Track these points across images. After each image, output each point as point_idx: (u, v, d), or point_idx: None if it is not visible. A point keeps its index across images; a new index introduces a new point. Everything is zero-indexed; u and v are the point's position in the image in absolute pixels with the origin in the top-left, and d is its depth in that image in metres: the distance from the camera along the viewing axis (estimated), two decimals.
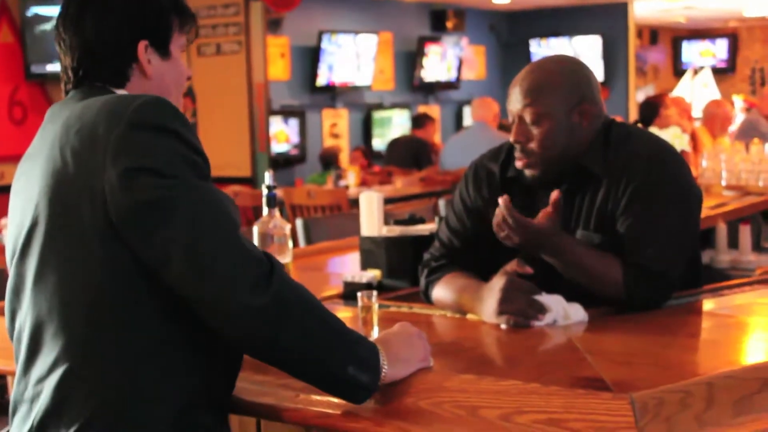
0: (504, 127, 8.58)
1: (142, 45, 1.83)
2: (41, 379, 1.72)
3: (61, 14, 1.86)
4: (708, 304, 2.52)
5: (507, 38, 14.06)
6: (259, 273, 1.65)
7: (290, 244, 2.50)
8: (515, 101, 2.48)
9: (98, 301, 1.68)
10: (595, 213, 2.45)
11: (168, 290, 1.67)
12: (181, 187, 1.65)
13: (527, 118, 2.45)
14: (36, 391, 1.73)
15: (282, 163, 10.38)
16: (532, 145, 2.45)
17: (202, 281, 1.63)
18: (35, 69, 8.30)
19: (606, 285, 2.35)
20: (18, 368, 1.80)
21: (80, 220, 1.68)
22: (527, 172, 2.50)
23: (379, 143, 11.54)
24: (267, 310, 1.64)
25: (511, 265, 2.33)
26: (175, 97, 1.89)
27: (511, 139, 2.49)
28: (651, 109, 7.02)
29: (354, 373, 1.71)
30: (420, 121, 9.48)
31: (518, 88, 2.47)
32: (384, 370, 1.75)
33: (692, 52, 17.60)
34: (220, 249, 1.64)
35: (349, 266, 3.42)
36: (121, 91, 1.83)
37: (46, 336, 1.73)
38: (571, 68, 2.51)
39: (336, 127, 11.40)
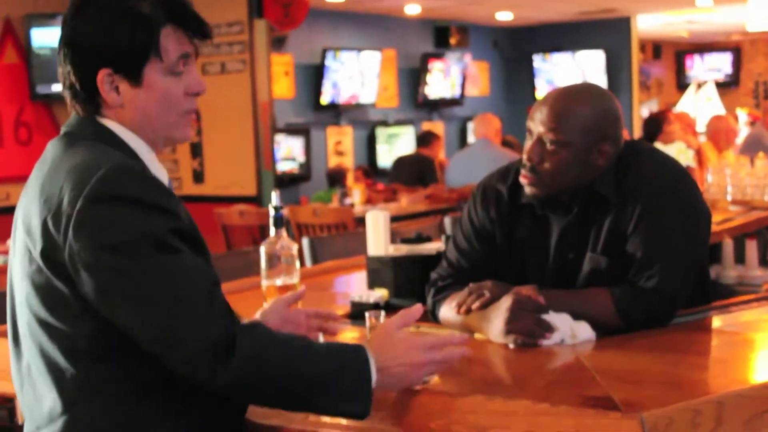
0: (508, 143, 8.59)
1: (102, 74, 1.77)
2: (40, 428, 1.76)
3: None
4: (716, 322, 2.52)
5: (510, 54, 14.09)
6: (219, 350, 1.65)
7: (297, 264, 2.50)
8: (539, 122, 2.45)
9: (88, 356, 1.71)
10: (605, 236, 2.45)
11: None
12: (137, 265, 1.65)
13: (547, 141, 2.44)
14: None
15: (287, 181, 10.40)
16: (542, 168, 2.45)
17: (165, 356, 1.67)
18: (41, 89, 8.32)
19: (602, 318, 2.35)
20: (24, 411, 1.84)
21: (57, 290, 1.70)
22: (528, 190, 2.50)
23: (383, 160, 11.56)
24: (232, 386, 1.67)
25: (526, 290, 2.33)
26: (161, 123, 1.83)
27: (524, 156, 2.48)
28: (655, 125, 7.02)
29: (343, 407, 1.74)
30: (426, 139, 9.48)
31: (546, 110, 2.45)
32: (374, 381, 1.75)
33: (696, 66, 17.62)
34: (178, 327, 1.65)
35: (356, 285, 3.42)
36: (103, 120, 1.80)
37: (42, 387, 1.76)
38: (603, 105, 2.47)
39: (341, 144, 11.42)
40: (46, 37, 8.22)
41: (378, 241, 3.18)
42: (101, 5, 1.78)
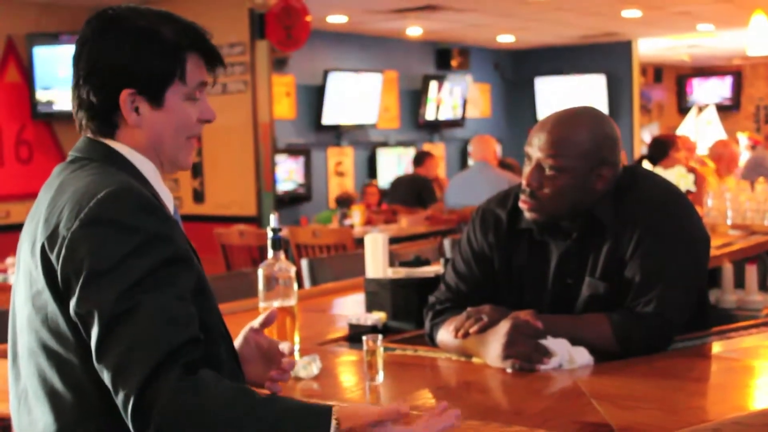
0: (508, 166, 8.60)
1: (125, 93, 1.77)
2: None
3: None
4: (715, 348, 2.51)
5: (511, 76, 14.12)
6: (149, 405, 1.56)
7: (295, 286, 2.49)
8: (537, 148, 2.45)
9: (84, 381, 1.69)
10: (603, 261, 2.44)
11: None
12: (118, 293, 1.60)
13: (546, 167, 2.44)
14: None
15: (287, 202, 10.40)
16: (542, 193, 2.45)
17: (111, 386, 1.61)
18: (42, 108, 8.34)
19: (600, 343, 2.35)
20: None
21: (55, 312, 1.69)
22: (528, 215, 2.49)
23: (384, 181, 11.56)
24: None
25: (525, 315, 2.33)
26: (171, 146, 1.85)
27: (523, 182, 2.48)
28: (660, 149, 6.96)
29: None
30: (420, 159, 9.51)
31: (545, 136, 2.44)
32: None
33: (697, 89, 17.65)
34: (139, 365, 1.57)
35: (354, 307, 3.41)
36: (112, 143, 1.80)
37: (37, 411, 1.74)
38: (601, 129, 2.47)
39: (341, 165, 11.42)
40: (47, 56, 8.24)
41: (376, 264, 3.18)
42: (127, 28, 1.79)
